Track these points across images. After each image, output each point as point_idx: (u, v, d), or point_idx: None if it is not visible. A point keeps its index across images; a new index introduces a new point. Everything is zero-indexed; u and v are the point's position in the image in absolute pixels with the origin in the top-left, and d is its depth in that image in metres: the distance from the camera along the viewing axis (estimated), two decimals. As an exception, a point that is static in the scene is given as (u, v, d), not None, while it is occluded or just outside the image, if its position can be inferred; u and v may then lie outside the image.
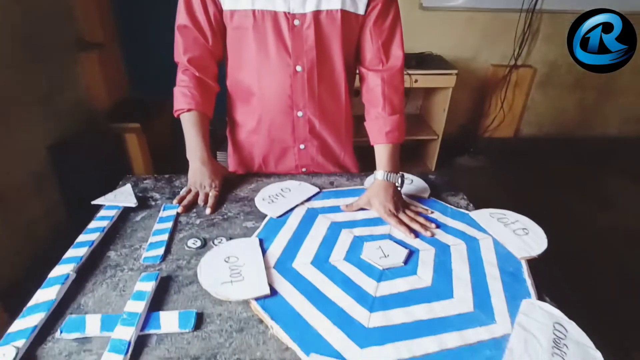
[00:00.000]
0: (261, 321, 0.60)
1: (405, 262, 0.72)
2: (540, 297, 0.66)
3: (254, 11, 0.85)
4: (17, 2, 1.77)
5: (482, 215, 0.86)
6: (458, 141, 2.89)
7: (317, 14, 0.86)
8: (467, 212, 0.88)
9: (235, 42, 0.92)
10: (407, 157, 2.95)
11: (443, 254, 0.75)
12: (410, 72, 2.29)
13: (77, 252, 0.70)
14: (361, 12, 0.89)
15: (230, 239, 0.78)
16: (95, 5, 2.26)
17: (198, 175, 0.93)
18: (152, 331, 0.57)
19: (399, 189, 0.88)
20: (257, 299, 0.62)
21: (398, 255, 0.73)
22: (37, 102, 1.87)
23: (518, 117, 2.99)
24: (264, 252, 0.73)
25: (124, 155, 2.27)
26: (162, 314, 0.60)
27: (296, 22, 0.86)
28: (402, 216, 0.84)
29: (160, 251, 0.73)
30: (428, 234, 0.80)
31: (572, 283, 1.79)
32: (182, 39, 0.91)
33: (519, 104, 2.92)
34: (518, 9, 2.62)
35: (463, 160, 2.87)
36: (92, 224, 0.78)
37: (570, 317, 0.61)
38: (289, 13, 0.85)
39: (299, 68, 0.91)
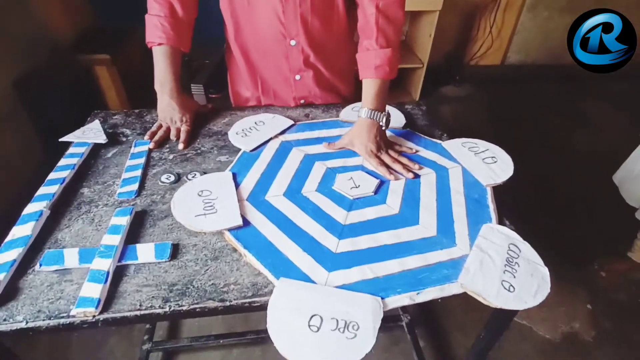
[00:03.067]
0: (235, 250, 0.63)
1: (376, 191, 0.74)
2: (500, 222, 0.70)
3: None
4: None
5: (454, 145, 0.87)
6: (443, 69, 2.81)
7: None
8: (439, 142, 0.89)
9: None
10: (390, 86, 2.88)
11: (412, 183, 0.77)
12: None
13: (49, 189, 0.70)
14: None
15: (204, 173, 0.78)
16: None
17: (168, 110, 0.90)
18: (129, 262, 0.60)
19: (383, 128, 0.85)
20: (230, 229, 0.64)
21: (368, 185, 0.75)
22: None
23: (506, 42, 2.89)
24: (237, 185, 0.74)
25: (95, 88, 2.16)
26: (139, 246, 0.62)
27: None
28: (384, 156, 0.81)
29: (134, 187, 0.73)
30: (410, 175, 0.78)
31: (541, 205, 1.89)
32: None
33: (509, 28, 2.80)
34: None
35: (448, 89, 2.82)
36: (62, 162, 0.77)
37: (526, 239, 0.66)
38: None
39: (293, 42, 0.87)
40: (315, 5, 0.89)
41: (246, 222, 0.66)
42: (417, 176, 0.79)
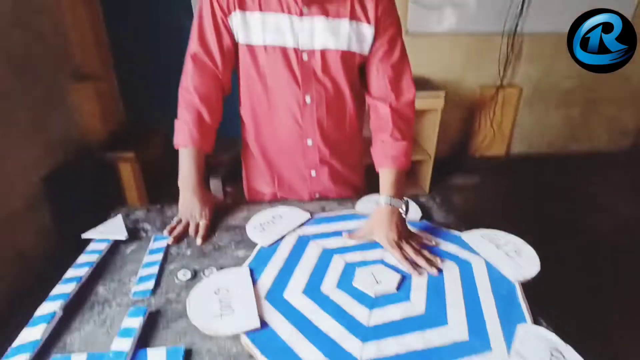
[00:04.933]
0: (251, 356, 0.59)
1: (398, 287, 0.71)
2: (535, 321, 0.65)
3: (265, 46, 0.89)
4: (17, 27, 1.80)
5: (474, 237, 0.86)
6: (450, 161, 2.92)
7: (324, 52, 0.89)
8: (458, 233, 0.88)
9: (247, 74, 0.95)
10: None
11: (436, 278, 0.74)
12: (400, 94, 2.33)
13: (64, 288, 0.69)
14: (366, 53, 0.94)
15: (221, 268, 0.77)
16: (93, 39, 2.30)
17: (188, 205, 0.93)
18: (139, 370, 0.56)
19: (403, 216, 0.85)
20: (247, 332, 0.61)
21: (390, 281, 0.72)
22: (30, 132, 1.88)
23: (508, 135, 3.04)
24: (254, 282, 0.72)
25: (117, 184, 2.26)
26: (150, 351, 0.58)
27: (304, 57, 0.90)
28: (406, 247, 0.79)
29: (150, 285, 0.72)
30: (434, 271, 0.74)
31: (567, 297, 1.77)
32: (193, 66, 0.93)
33: (508, 122, 2.97)
34: (500, 32, 2.71)
35: (456, 179, 2.89)
36: (81, 258, 0.77)
37: (565, 337, 0.60)
38: (298, 49, 0.89)
39: (307, 99, 0.94)
40: (330, 110, 0.97)
41: (264, 323, 0.62)
42: (440, 271, 0.76)
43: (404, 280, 0.73)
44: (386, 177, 0.90)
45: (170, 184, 0.94)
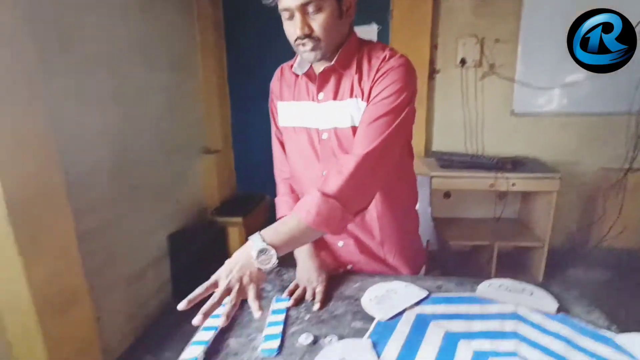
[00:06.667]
0: None
1: (543, 389, 0.62)
2: None
3: (294, 128, 1.02)
4: (166, 112, 2.23)
5: (632, 340, 0.73)
6: (567, 250, 2.58)
7: (335, 130, 0.96)
8: (611, 335, 0.76)
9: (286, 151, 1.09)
10: (509, 265, 2.70)
11: (590, 384, 0.63)
12: (506, 175, 2.24)
13: (204, 335, 0.75)
14: None
15: (341, 338, 0.76)
16: (220, 120, 2.74)
17: (305, 271, 0.98)
18: None
19: (251, 254, 0.74)
20: (375, 410, 0.58)
21: (532, 380, 0.64)
22: (164, 198, 2.21)
23: (643, 225, 2.62)
24: (377, 355, 0.69)
25: (225, 245, 2.46)
26: (279, 413, 0.58)
27: (324, 135, 0.98)
28: (220, 288, 0.70)
29: (276, 344, 0.74)
30: (196, 320, 0.64)
31: None
32: (278, 146, 1.11)
33: (641, 211, 2.59)
34: (621, 112, 2.50)
35: (577, 272, 2.52)
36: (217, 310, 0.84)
37: None
38: (318, 129, 0.98)
39: (324, 173, 0.97)
40: None
41: (392, 404, 0.59)
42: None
43: (549, 381, 0.64)
44: (281, 221, 0.85)
45: None
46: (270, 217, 1.05)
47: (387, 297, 0.90)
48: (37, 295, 1.29)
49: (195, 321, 0.64)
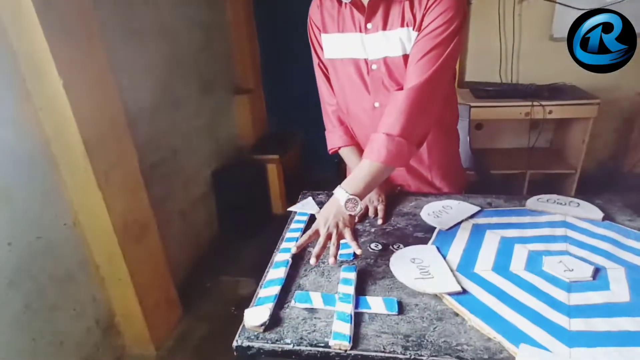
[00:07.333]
0: (456, 314, 0.67)
1: (593, 277, 0.72)
2: None
3: (342, 59, 1.02)
4: (202, 51, 2.25)
5: (675, 240, 0.81)
6: (599, 177, 2.61)
7: (385, 60, 0.96)
8: (654, 236, 0.84)
9: (333, 83, 1.10)
10: (542, 191, 2.75)
11: (635, 273, 0.73)
12: (543, 103, 2.21)
13: (289, 244, 0.87)
14: None
15: (407, 245, 0.87)
16: (249, 57, 2.73)
17: (367, 192, 1.07)
18: (364, 310, 0.68)
19: (340, 204, 0.82)
20: (449, 294, 0.69)
21: (584, 270, 0.73)
22: (206, 135, 2.31)
23: (677, 150, 2.60)
24: (443, 257, 0.80)
25: (264, 180, 2.60)
26: (369, 298, 0.71)
27: (373, 66, 0.98)
28: (322, 235, 0.78)
29: (351, 250, 0.85)
30: (312, 260, 0.76)
31: None
32: (321, 75, 1.11)
33: (680, 135, 2.55)
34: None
35: (605, 199, 2.57)
36: (293, 225, 0.96)
37: None
38: (367, 60, 0.99)
39: (376, 104, 1.01)
40: None
41: (463, 290, 0.70)
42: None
43: (598, 272, 0.74)
44: (357, 168, 0.89)
45: (304, 181, 1.10)
46: (302, 155, 1.12)
47: (444, 211, 0.99)
48: (117, 224, 1.44)
49: (312, 262, 0.76)
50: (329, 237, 0.79)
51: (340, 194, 0.83)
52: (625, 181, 2.61)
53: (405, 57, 0.95)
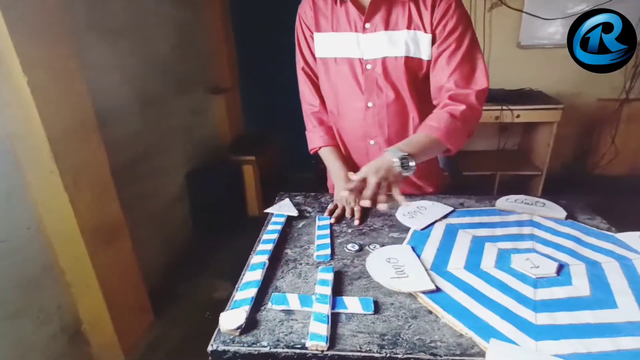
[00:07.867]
0: (430, 312, 0.68)
1: (557, 273, 0.76)
2: None
3: (335, 59, 1.03)
4: (177, 50, 2.21)
5: (630, 237, 0.86)
6: (563, 178, 2.75)
7: (384, 60, 0.98)
8: (612, 234, 0.89)
9: (322, 84, 1.10)
10: (511, 192, 2.86)
11: (595, 268, 0.77)
12: (511, 107, 2.30)
13: (265, 246, 0.86)
14: (425, 58, 0.98)
15: (383, 245, 0.89)
16: (226, 56, 2.70)
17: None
18: (340, 310, 0.69)
19: (392, 161, 0.81)
20: (423, 292, 0.71)
21: (549, 267, 0.77)
22: (180, 135, 2.27)
23: (634, 154, 2.77)
24: (418, 256, 0.82)
25: (240, 181, 2.57)
26: (345, 298, 0.71)
27: (368, 66, 1.00)
28: (371, 186, 0.77)
29: (328, 251, 0.86)
30: (383, 208, 0.76)
31: None
32: (305, 79, 1.11)
33: (636, 139, 2.71)
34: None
35: (570, 197, 2.70)
36: (270, 227, 0.95)
37: None
38: (362, 59, 1.00)
39: (370, 104, 1.04)
40: (391, 113, 1.05)
41: (436, 288, 0.72)
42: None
43: (562, 268, 0.78)
44: (410, 137, 0.92)
45: (282, 183, 1.11)
46: (282, 154, 1.13)
47: (418, 212, 1.01)
48: (84, 227, 1.39)
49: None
50: (377, 186, 0.76)
51: (394, 152, 0.82)
52: (587, 181, 2.76)
53: (408, 59, 0.97)
